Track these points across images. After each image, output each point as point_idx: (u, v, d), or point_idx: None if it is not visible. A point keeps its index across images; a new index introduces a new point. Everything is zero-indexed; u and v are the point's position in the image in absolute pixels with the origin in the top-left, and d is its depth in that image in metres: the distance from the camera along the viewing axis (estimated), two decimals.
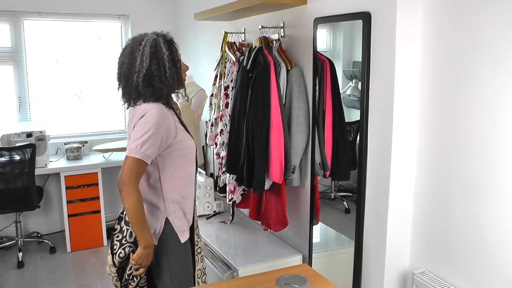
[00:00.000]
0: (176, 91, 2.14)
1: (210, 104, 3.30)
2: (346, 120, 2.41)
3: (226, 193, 2.99)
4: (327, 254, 2.75)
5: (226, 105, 2.97)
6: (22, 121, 4.41)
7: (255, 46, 2.68)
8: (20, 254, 3.94)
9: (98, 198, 4.22)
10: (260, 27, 2.75)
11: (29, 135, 3.97)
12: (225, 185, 3.02)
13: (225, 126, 2.96)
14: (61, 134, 4.59)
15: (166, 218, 2.00)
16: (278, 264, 2.66)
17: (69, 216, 4.13)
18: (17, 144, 3.78)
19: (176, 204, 2.01)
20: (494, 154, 1.74)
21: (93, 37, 4.68)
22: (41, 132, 4.02)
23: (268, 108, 2.50)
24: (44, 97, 4.55)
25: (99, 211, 4.24)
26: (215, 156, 3.20)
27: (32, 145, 3.75)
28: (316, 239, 2.68)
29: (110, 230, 2.52)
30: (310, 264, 2.67)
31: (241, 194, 2.95)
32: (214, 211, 3.50)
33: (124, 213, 2.02)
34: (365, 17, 2.09)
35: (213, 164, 3.75)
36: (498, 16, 1.69)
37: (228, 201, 2.98)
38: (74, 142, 4.42)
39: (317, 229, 2.68)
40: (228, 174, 2.91)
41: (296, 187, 2.71)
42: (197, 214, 2.25)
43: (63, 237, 4.32)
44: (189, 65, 2.23)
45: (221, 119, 3.00)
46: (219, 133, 3.01)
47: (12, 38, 4.30)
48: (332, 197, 2.67)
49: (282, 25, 2.76)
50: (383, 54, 2.05)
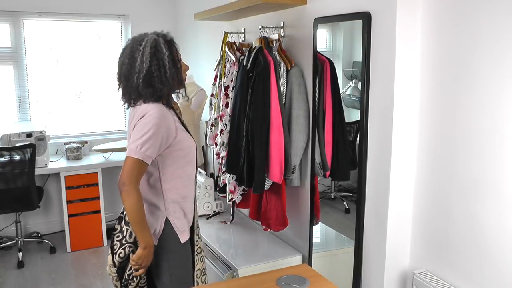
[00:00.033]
0: (177, 91, 2.13)
1: (210, 104, 3.30)
2: (346, 120, 2.41)
3: (226, 193, 2.99)
4: (327, 254, 2.74)
5: (226, 105, 2.97)
6: (22, 121, 4.41)
7: (255, 46, 2.68)
8: (20, 254, 3.94)
9: (98, 198, 4.22)
10: (260, 27, 2.75)
11: (29, 135, 3.97)
12: (225, 185, 3.02)
13: (225, 126, 2.96)
14: (61, 134, 4.59)
15: (166, 218, 2.00)
16: (278, 264, 2.66)
17: (69, 216, 4.13)
18: (17, 144, 3.78)
19: (176, 204, 2.01)
20: (494, 154, 1.74)
21: (93, 37, 4.68)
22: (41, 132, 4.02)
23: (268, 108, 2.50)
24: (44, 97, 4.55)
25: (99, 211, 4.24)
26: (215, 156, 3.20)
27: (32, 145, 3.75)
28: (316, 239, 2.68)
29: (110, 230, 2.52)
30: (310, 264, 2.67)
31: (241, 194, 2.95)
32: (214, 211, 3.50)
33: (124, 213, 2.02)
34: (365, 17, 2.09)
35: (213, 164, 3.74)
36: (498, 16, 1.69)
37: (228, 201, 2.98)
38: (74, 142, 4.41)
39: (317, 229, 2.68)
40: (228, 174, 2.91)
41: (296, 187, 2.71)
42: (197, 214, 2.25)
43: (63, 237, 4.32)
44: (189, 65, 2.23)
45: (221, 119, 3.00)
46: (219, 133, 3.01)
47: (12, 38, 4.30)
48: (332, 197, 2.67)
49: (282, 25, 2.75)
50: (383, 54, 2.05)
